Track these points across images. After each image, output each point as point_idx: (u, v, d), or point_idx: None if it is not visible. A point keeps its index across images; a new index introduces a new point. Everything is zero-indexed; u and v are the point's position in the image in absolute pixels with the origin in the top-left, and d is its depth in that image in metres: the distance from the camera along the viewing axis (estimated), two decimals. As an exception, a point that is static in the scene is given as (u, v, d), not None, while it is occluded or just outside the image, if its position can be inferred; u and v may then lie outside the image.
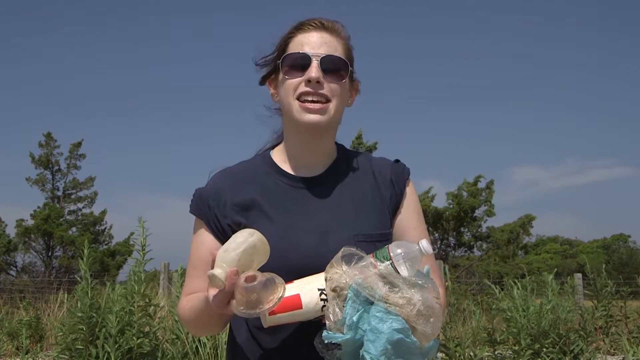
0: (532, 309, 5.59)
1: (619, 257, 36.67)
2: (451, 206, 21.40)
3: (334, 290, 1.18)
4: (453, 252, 22.58)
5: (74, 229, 22.42)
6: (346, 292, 1.17)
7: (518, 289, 5.76)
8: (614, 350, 6.94)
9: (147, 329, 4.78)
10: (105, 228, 23.42)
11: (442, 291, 1.36)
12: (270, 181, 1.45)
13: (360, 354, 1.14)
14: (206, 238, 1.44)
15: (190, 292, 1.45)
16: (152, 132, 42.58)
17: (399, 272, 1.19)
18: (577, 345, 5.57)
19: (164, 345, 5.11)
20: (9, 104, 36.55)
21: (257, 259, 1.20)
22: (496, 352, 5.69)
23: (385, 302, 1.15)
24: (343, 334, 1.15)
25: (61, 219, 21.93)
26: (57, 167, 23.17)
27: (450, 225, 21.54)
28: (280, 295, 1.16)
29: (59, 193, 23.18)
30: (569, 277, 7.32)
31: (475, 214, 21.61)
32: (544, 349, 5.47)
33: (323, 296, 1.20)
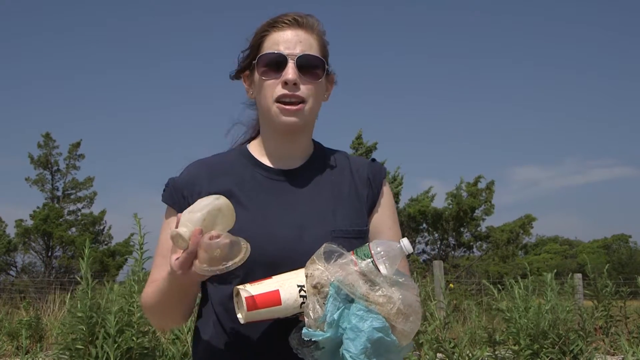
0: (532, 309, 5.59)
1: (619, 257, 36.61)
2: (450, 206, 21.42)
3: (314, 287, 1.17)
4: (453, 252, 22.61)
5: (73, 229, 22.44)
6: (327, 289, 1.16)
7: (519, 288, 5.76)
8: (614, 350, 6.93)
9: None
10: (105, 228, 23.48)
11: None
12: (247, 173, 1.45)
13: (340, 353, 1.13)
14: None
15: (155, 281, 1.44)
16: (152, 132, 42.49)
17: (379, 270, 1.19)
18: (576, 346, 5.57)
19: (164, 345, 5.11)
20: (8, 104, 36.52)
21: (223, 222, 1.20)
22: (496, 352, 5.69)
23: (366, 300, 1.14)
24: (323, 331, 1.14)
25: (61, 219, 21.95)
26: (56, 167, 23.18)
27: (450, 225, 21.57)
28: (244, 255, 1.16)
29: (59, 193, 23.19)
30: (569, 277, 7.31)
31: (474, 214, 21.65)
32: (544, 349, 5.48)
33: (302, 293, 1.19)
